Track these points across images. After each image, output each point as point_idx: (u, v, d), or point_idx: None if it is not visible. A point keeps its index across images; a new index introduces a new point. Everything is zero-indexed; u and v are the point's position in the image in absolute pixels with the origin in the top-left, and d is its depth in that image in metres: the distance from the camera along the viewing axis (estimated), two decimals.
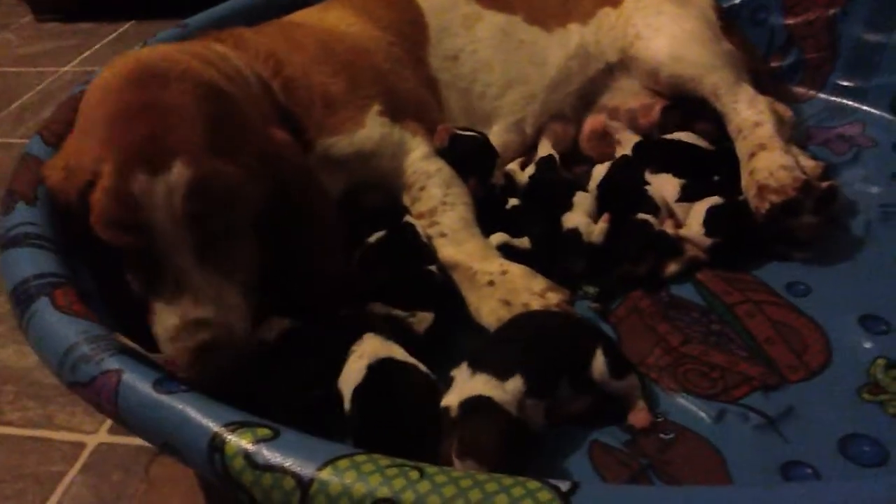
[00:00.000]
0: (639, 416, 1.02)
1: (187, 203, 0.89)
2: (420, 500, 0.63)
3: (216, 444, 0.72)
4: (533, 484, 0.64)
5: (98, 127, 0.93)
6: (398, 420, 0.93)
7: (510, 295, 1.15)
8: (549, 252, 1.26)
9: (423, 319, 1.11)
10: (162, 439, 0.78)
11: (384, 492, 0.64)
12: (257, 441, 0.71)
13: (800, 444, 0.98)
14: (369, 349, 1.00)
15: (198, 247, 0.92)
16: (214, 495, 1.07)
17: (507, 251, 1.24)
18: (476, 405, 0.92)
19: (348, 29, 1.42)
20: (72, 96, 1.32)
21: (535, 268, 1.20)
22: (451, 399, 0.94)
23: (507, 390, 0.93)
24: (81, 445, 1.19)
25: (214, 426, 0.73)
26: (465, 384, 0.95)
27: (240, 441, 0.71)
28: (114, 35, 2.83)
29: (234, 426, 0.73)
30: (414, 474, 0.65)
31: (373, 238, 1.22)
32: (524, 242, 1.26)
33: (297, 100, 1.24)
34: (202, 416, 0.74)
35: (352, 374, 0.98)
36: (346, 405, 0.96)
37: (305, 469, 0.67)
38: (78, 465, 1.16)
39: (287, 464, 0.68)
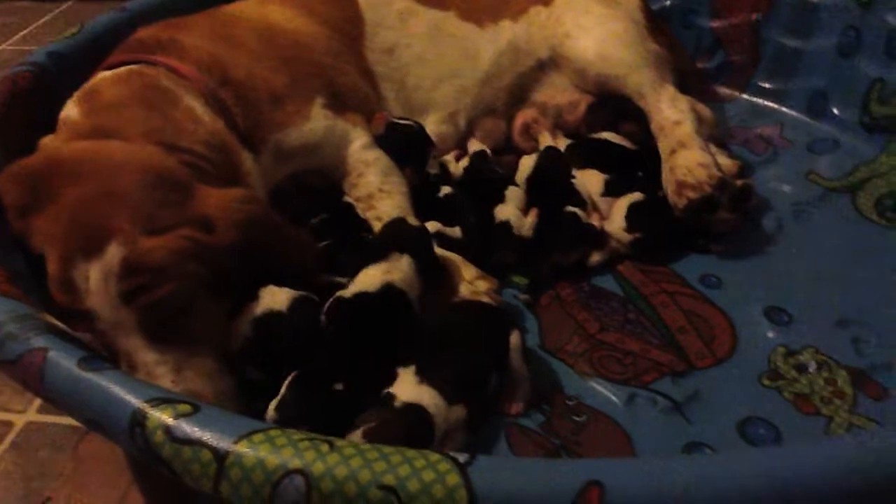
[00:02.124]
0: (516, 405, 1.07)
1: (122, 283, 0.91)
2: (329, 471, 0.67)
3: (138, 418, 0.74)
4: (434, 456, 0.68)
5: (50, 206, 0.96)
6: (379, 331, 1.04)
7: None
8: (482, 242, 1.31)
9: None
10: (86, 415, 0.80)
11: (296, 463, 0.68)
12: (177, 416, 0.74)
13: (702, 426, 1.05)
14: (399, 269, 1.09)
15: (144, 326, 0.93)
16: (141, 473, 1.09)
17: (439, 239, 1.27)
18: (416, 414, 0.95)
19: (288, 24, 1.44)
20: (7, 76, 1.31)
21: (466, 256, 1.25)
22: (400, 392, 0.97)
23: (447, 417, 0.96)
24: (9, 424, 1.20)
25: (136, 402, 0.75)
26: (414, 388, 0.98)
27: (160, 416, 0.74)
28: (54, 13, 2.79)
29: (156, 402, 0.75)
30: (324, 447, 0.69)
31: (316, 219, 1.29)
32: (456, 231, 1.30)
33: (246, 101, 1.26)
34: (125, 392, 0.77)
35: (368, 278, 1.07)
36: (345, 294, 1.05)
37: (221, 442, 0.70)
38: (6, 444, 1.17)
39: (205, 437, 0.71)
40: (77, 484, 1.10)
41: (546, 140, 1.53)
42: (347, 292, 1.07)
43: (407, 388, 0.98)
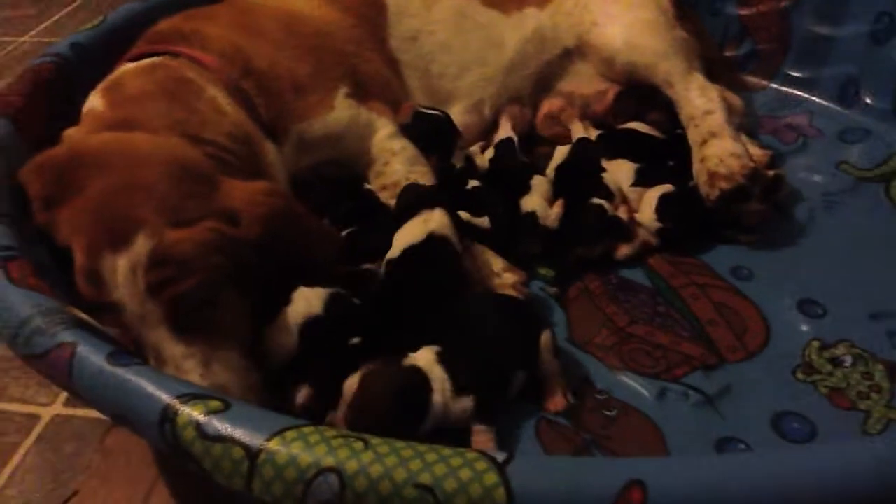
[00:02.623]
0: (557, 401, 1.05)
1: (149, 275, 0.90)
2: (363, 469, 0.66)
3: (168, 415, 0.74)
4: (471, 454, 0.67)
5: (76, 198, 0.95)
6: (434, 282, 1.09)
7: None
8: (508, 233, 1.29)
9: None
10: (115, 410, 0.80)
11: (329, 461, 0.67)
12: (208, 413, 0.73)
13: (735, 421, 1.03)
14: (437, 219, 1.13)
15: (171, 319, 0.93)
16: (168, 466, 1.09)
17: (466, 229, 1.26)
18: (417, 377, 0.95)
19: (311, 12, 1.43)
20: (30, 68, 1.31)
21: (492, 247, 1.24)
22: (414, 358, 0.98)
23: (449, 403, 0.95)
24: (36, 417, 1.20)
25: (167, 398, 0.75)
26: (429, 362, 0.98)
27: (191, 412, 0.73)
28: (74, 4, 2.79)
29: (186, 398, 0.75)
30: (358, 445, 0.68)
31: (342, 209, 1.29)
32: (484, 222, 1.29)
33: (269, 91, 1.25)
34: (154, 388, 0.76)
35: (410, 233, 1.12)
36: (393, 254, 1.11)
37: (254, 440, 0.70)
38: (33, 437, 1.17)
39: (236, 434, 0.70)
40: (104, 477, 1.10)
41: (578, 130, 1.51)
42: (394, 251, 1.10)
43: (423, 357, 0.98)
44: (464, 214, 1.28)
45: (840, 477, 0.66)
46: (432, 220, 1.13)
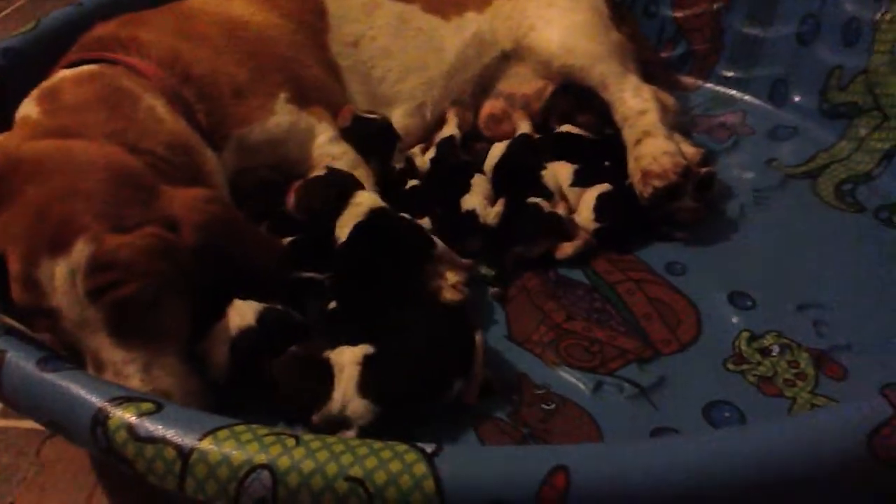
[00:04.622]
0: (472, 395, 1.05)
1: (89, 280, 0.90)
2: (295, 465, 0.67)
3: (100, 418, 0.74)
4: (401, 447, 0.68)
5: (11, 204, 0.94)
6: (392, 248, 1.14)
7: None
8: (449, 232, 1.30)
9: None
10: (47, 417, 0.79)
11: (261, 458, 0.68)
12: (140, 415, 0.73)
13: (668, 412, 1.06)
14: (368, 200, 1.19)
15: (111, 324, 0.92)
16: (106, 475, 1.08)
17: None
18: (326, 371, 0.98)
19: (251, 18, 1.43)
20: None
21: None
22: (336, 357, 1.00)
23: (350, 407, 0.97)
24: None
25: (98, 401, 0.75)
26: (347, 367, 0.99)
27: (123, 414, 0.73)
28: (8, 10, 2.73)
29: (118, 401, 0.75)
30: (290, 441, 0.68)
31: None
32: (425, 222, 1.29)
33: (209, 97, 1.25)
34: (86, 392, 0.76)
35: (352, 216, 1.16)
36: (341, 240, 1.15)
37: (186, 439, 0.70)
38: None
39: (168, 435, 0.71)
40: (41, 488, 1.09)
41: (524, 128, 1.53)
42: (341, 238, 1.16)
43: (348, 355, 1.00)
44: (404, 216, 1.29)
45: (756, 457, 0.69)
46: (364, 201, 1.18)
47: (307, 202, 1.24)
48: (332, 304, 1.09)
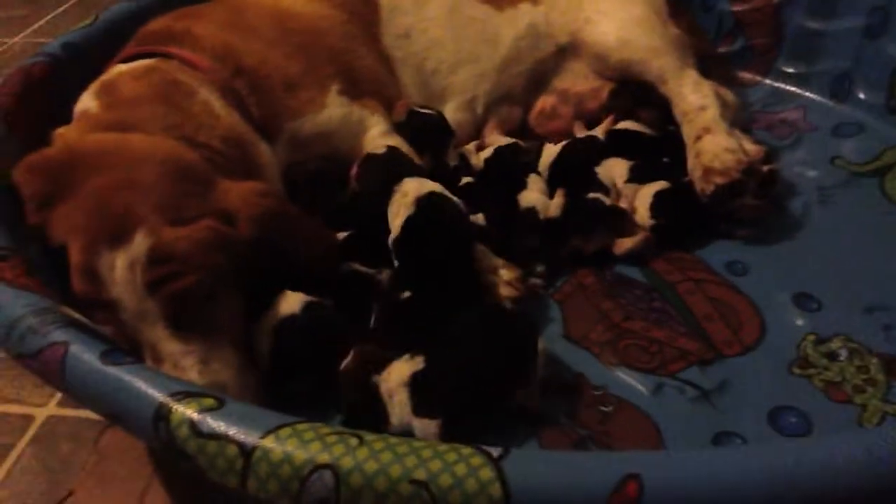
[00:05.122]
0: (534, 403, 1.03)
1: (148, 272, 0.91)
2: (358, 466, 0.66)
3: (162, 413, 0.73)
4: (466, 450, 0.66)
5: (72, 196, 0.96)
6: (443, 241, 1.13)
7: None
8: (506, 229, 1.28)
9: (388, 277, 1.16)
10: (109, 410, 0.79)
11: (324, 458, 0.67)
12: (202, 410, 0.73)
13: (731, 416, 1.03)
14: (413, 189, 1.16)
15: (169, 316, 0.93)
16: (163, 465, 1.08)
17: None
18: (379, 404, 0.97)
19: (302, 9, 1.43)
20: (20, 68, 1.31)
21: (490, 244, 1.23)
22: (389, 385, 0.98)
23: (414, 425, 0.95)
24: (30, 418, 1.19)
25: (160, 396, 0.75)
26: (396, 391, 0.97)
27: (185, 410, 0.73)
28: (65, 6, 2.78)
29: (180, 396, 0.74)
30: (353, 441, 0.67)
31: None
32: (479, 219, 1.28)
33: (261, 89, 1.26)
34: (148, 386, 0.76)
35: (401, 206, 1.14)
36: (394, 233, 1.13)
37: (248, 437, 0.69)
38: (27, 438, 1.16)
39: (231, 432, 0.70)
40: (99, 477, 1.10)
41: (580, 131, 1.52)
42: (394, 231, 1.14)
43: (395, 375, 0.98)
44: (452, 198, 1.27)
45: (832, 469, 0.66)
46: (410, 189, 1.15)
47: (364, 178, 1.24)
48: (406, 294, 1.09)
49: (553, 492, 0.64)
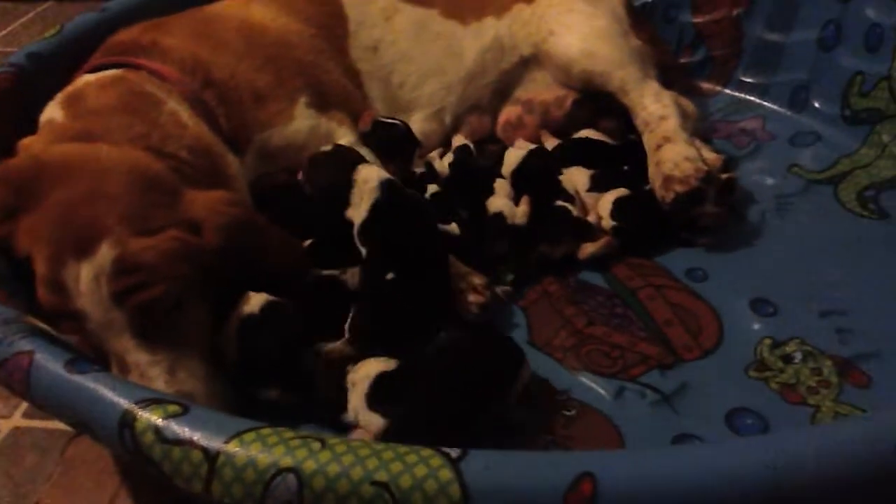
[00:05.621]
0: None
1: (114, 283, 0.91)
2: (321, 469, 0.67)
3: (127, 420, 0.74)
4: (426, 451, 0.68)
5: (37, 207, 0.96)
6: (411, 224, 1.15)
7: None
8: (477, 236, 1.30)
9: (354, 275, 1.16)
10: (75, 418, 0.80)
11: (287, 462, 0.68)
12: (167, 417, 0.73)
13: (691, 419, 1.05)
14: (374, 174, 1.17)
15: (136, 326, 0.93)
16: (130, 475, 1.08)
17: None
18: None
19: (271, 23, 1.44)
20: None
21: (461, 252, 1.25)
22: (355, 377, 1.00)
23: (362, 418, 0.97)
24: None
25: (125, 403, 0.75)
26: (360, 385, 0.99)
27: (150, 417, 0.74)
28: (32, 14, 2.76)
29: (145, 403, 0.75)
30: (316, 445, 0.69)
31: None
32: (454, 228, 1.29)
33: (229, 102, 1.27)
34: (113, 394, 0.76)
35: (364, 194, 1.15)
36: (360, 219, 1.14)
37: (212, 442, 0.70)
38: None
39: (195, 437, 0.71)
40: (66, 488, 1.09)
41: (548, 141, 1.54)
42: (359, 218, 1.15)
43: (359, 374, 1.00)
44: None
45: (783, 467, 0.68)
46: (371, 176, 1.17)
47: (314, 177, 1.24)
48: (390, 275, 1.10)
49: (511, 492, 0.66)
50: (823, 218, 1.42)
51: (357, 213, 1.16)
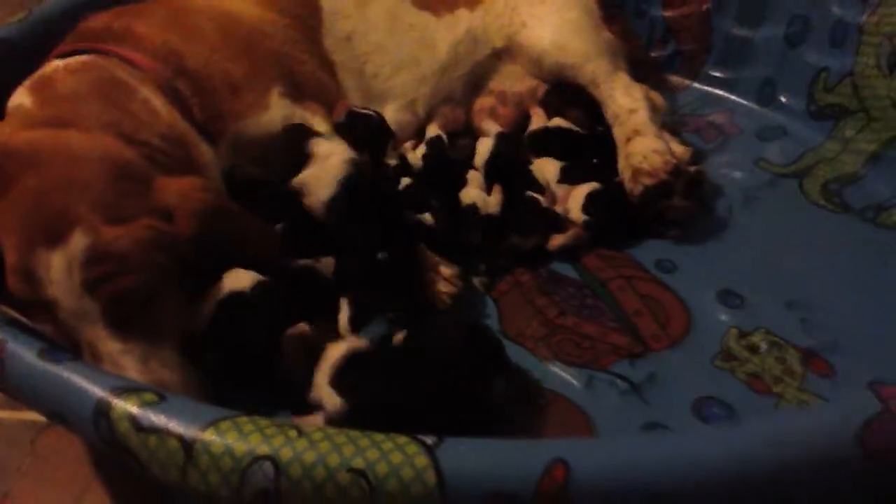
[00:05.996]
0: None
1: (86, 271, 0.90)
2: (297, 456, 0.68)
3: (102, 408, 0.74)
4: (402, 439, 0.69)
5: (6, 195, 0.94)
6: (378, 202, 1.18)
7: None
8: (451, 227, 1.31)
9: (327, 264, 1.16)
10: (49, 407, 0.80)
11: (263, 449, 0.68)
12: (143, 405, 0.73)
13: (659, 407, 1.08)
14: (338, 150, 1.20)
15: (108, 315, 0.92)
16: (101, 466, 1.08)
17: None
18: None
19: (245, 12, 1.43)
20: None
21: (436, 243, 1.25)
22: (329, 353, 1.00)
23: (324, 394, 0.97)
24: None
25: (100, 391, 0.75)
26: (330, 360, 0.99)
27: (125, 405, 0.74)
28: None
29: (120, 391, 0.75)
30: (292, 433, 0.69)
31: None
32: (428, 218, 1.29)
33: (203, 91, 1.25)
34: (87, 383, 0.76)
35: (327, 170, 1.18)
36: (326, 195, 1.16)
37: (189, 430, 0.71)
38: None
39: (171, 426, 0.71)
40: (36, 479, 1.09)
41: (538, 119, 1.55)
42: (325, 191, 1.17)
43: (333, 351, 1.00)
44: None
45: (751, 452, 0.70)
46: (334, 150, 1.21)
47: (281, 155, 1.25)
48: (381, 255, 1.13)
49: (485, 477, 0.67)
50: (789, 211, 1.45)
51: (320, 190, 1.17)
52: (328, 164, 1.18)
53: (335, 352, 1.00)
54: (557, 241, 1.33)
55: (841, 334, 1.16)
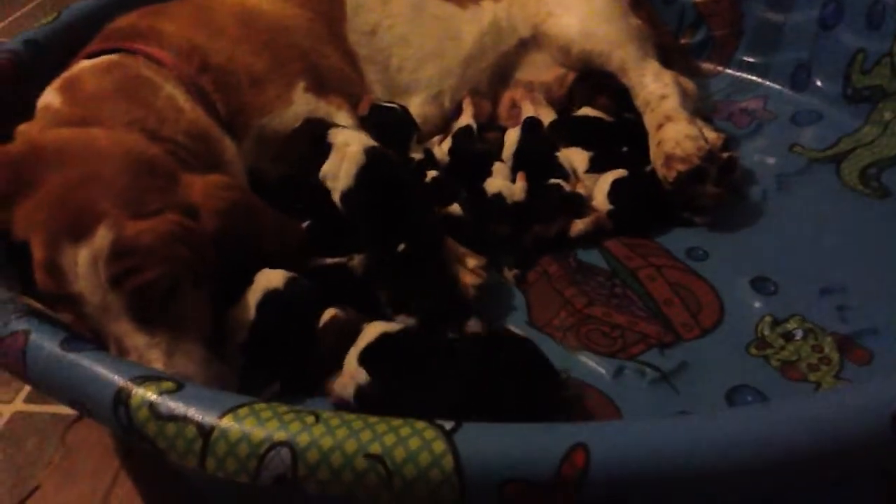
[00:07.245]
0: None
1: (111, 266, 0.91)
2: (315, 442, 0.67)
3: (121, 397, 0.74)
4: (420, 424, 0.68)
5: (34, 192, 0.95)
6: (399, 190, 1.17)
7: None
8: (477, 217, 1.30)
9: (360, 262, 1.16)
10: (70, 396, 0.80)
11: (281, 435, 0.68)
12: (161, 393, 0.73)
13: (690, 396, 1.05)
14: (356, 139, 1.20)
15: (133, 309, 0.93)
16: (129, 459, 1.09)
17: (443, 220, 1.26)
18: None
19: (268, 7, 1.43)
20: None
21: (463, 233, 1.24)
22: (368, 331, 1.00)
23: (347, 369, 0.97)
24: None
25: (120, 380, 0.75)
26: (366, 338, 0.99)
27: (144, 393, 0.74)
28: (32, 5, 2.76)
29: (139, 379, 0.75)
30: (309, 419, 0.69)
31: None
32: (457, 209, 1.29)
33: (227, 87, 1.26)
34: (107, 371, 0.77)
35: (348, 160, 1.17)
36: (343, 186, 1.17)
37: (206, 417, 0.70)
38: None
39: (189, 413, 0.71)
40: (65, 472, 1.10)
41: (528, 110, 1.52)
42: (343, 182, 1.18)
43: (370, 330, 1.00)
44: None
45: (779, 437, 0.68)
46: (352, 139, 1.20)
47: (296, 152, 1.26)
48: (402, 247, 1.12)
49: (504, 462, 0.65)
50: (825, 196, 1.42)
51: (339, 176, 1.17)
52: (348, 152, 1.18)
53: (373, 330, 1.00)
54: (578, 226, 1.31)
55: (878, 320, 1.13)
